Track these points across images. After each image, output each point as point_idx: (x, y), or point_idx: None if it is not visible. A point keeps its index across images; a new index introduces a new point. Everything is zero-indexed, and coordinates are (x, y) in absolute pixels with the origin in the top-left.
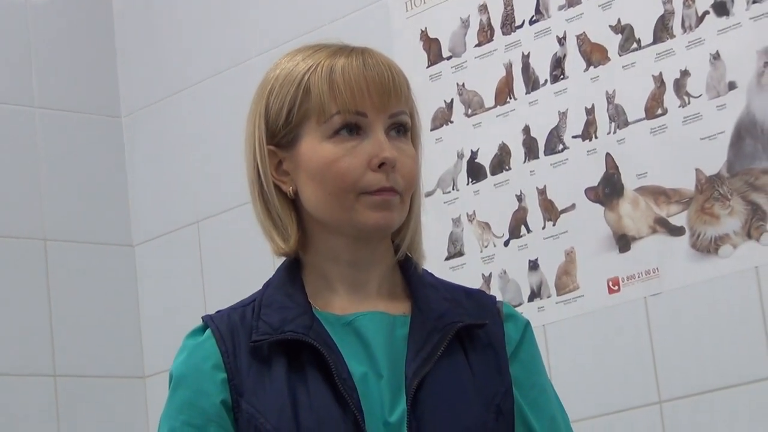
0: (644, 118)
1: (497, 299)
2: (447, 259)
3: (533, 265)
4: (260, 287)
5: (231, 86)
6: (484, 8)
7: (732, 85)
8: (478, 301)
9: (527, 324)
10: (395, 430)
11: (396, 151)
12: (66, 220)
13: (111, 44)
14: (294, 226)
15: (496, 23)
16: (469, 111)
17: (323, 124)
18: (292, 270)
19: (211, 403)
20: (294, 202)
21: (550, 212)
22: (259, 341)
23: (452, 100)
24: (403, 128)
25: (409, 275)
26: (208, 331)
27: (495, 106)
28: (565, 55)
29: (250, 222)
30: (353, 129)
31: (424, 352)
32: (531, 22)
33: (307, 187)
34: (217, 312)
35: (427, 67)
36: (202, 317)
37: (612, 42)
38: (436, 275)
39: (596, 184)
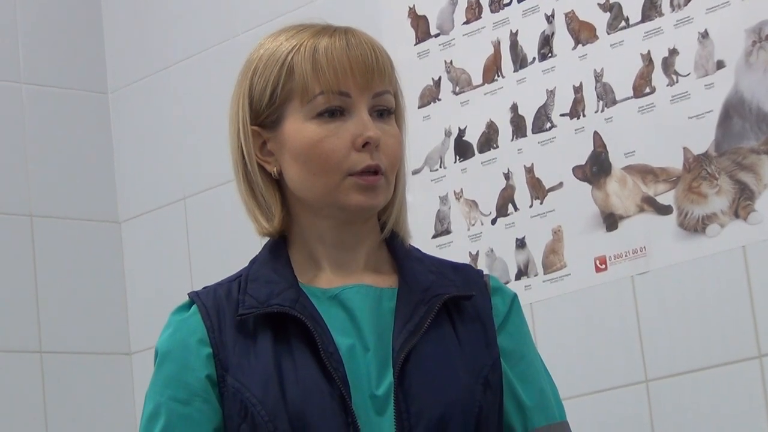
0: (632, 97)
1: (484, 272)
2: (434, 237)
3: (520, 244)
4: (247, 264)
5: (218, 63)
6: None
7: (720, 64)
8: (465, 274)
9: (514, 297)
10: (382, 402)
11: (380, 131)
12: (52, 196)
13: (98, 20)
14: (278, 207)
15: (485, 1)
16: (457, 89)
17: (307, 104)
18: (279, 247)
19: (197, 378)
20: (278, 183)
21: (538, 190)
22: (245, 315)
23: (440, 78)
24: (386, 110)
25: (396, 250)
26: (194, 307)
27: (483, 84)
28: (553, 33)
29: (237, 199)
30: (336, 111)
31: (411, 325)
32: (519, 0)
33: (292, 168)
34: (203, 288)
35: (415, 45)
36: (188, 293)
37: (600, 20)
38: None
39: (584, 163)
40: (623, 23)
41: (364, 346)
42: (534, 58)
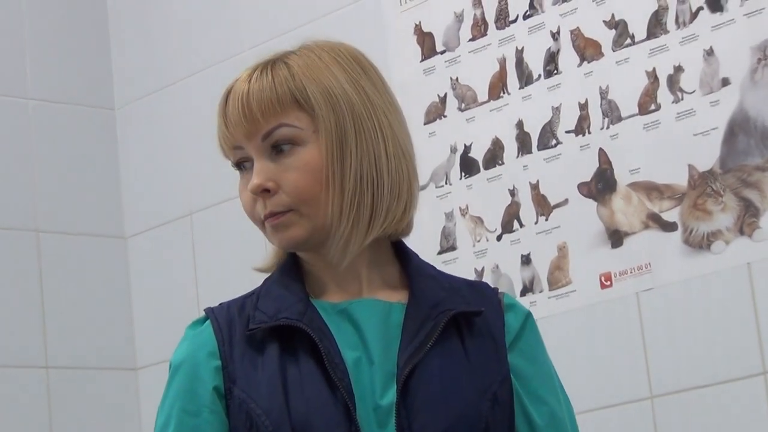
0: (637, 114)
1: (499, 290)
2: (439, 253)
3: (526, 260)
4: (252, 279)
5: (225, 79)
6: (478, 2)
7: (725, 81)
8: (479, 291)
9: (528, 314)
10: (385, 414)
11: (278, 168)
12: (59, 212)
13: (105, 36)
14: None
15: (490, 18)
16: (463, 105)
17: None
18: (292, 265)
19: (205, 390)
20: None
21: (543, 207)
22: (254, 329)
23: (446, 95)
24: (284, 144)
25: (408, 267)
26: (208, 321)
27: (488, 101)
28: (558, 50)
29: (243, 214)
30: (241, 164)
31: (417, 341)
32: (525, 17)
33: None
34: (219, 304)
35: (421, 61)
36: (204, 309)
37: (606, 37)
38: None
39: (589, 180)
40: (629, 40)
41: (369, 359)
42: (539, 75)
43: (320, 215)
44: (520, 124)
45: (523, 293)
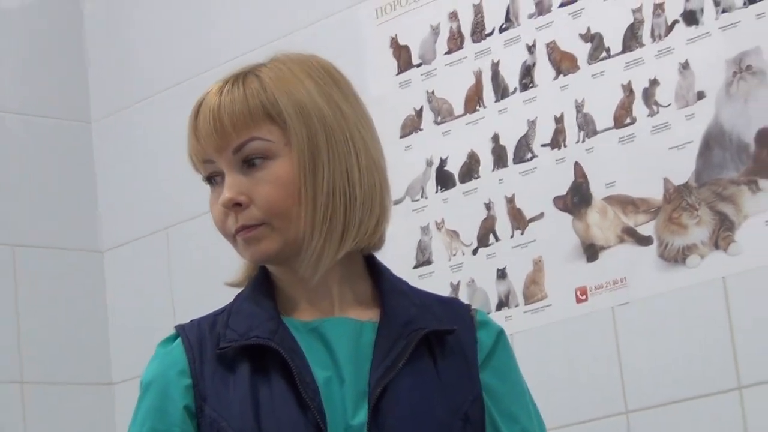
0: (613, 127)
1: (471, 307)
2: (415, 267)
3: (501, 274)
4: (228, 294)
5: (201, 92)
6: (454, 15)
7: (701, 95)
8: (451, 308)
9: (501, 331)
10: None
11: (250, 182)
12: (34, 226)
13: (81, 49)
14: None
15: (466, 31)
16: (439, 119)
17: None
18: (263, 280)
19: (176, 408)
20: None
21: (519, 221)
22: (225, 348)
23: (422, 108)
24: (255, 158)
25: (380, 283)
26: (178, 339)
27: (464, 114)
28: (534, 63)
29: None
30: (212, 178)
31: (388, 360)
32: (501, 30)
33: None
34: (190, 321)
35: (397, 75)
36: (174, 326)
37: (581, 50)
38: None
39: (565, 193)
40: (604, 54)
41: (340, 378)
42: (515, 89)
43: (292, 229)
44: (495, 138)
45: (499, 307)
